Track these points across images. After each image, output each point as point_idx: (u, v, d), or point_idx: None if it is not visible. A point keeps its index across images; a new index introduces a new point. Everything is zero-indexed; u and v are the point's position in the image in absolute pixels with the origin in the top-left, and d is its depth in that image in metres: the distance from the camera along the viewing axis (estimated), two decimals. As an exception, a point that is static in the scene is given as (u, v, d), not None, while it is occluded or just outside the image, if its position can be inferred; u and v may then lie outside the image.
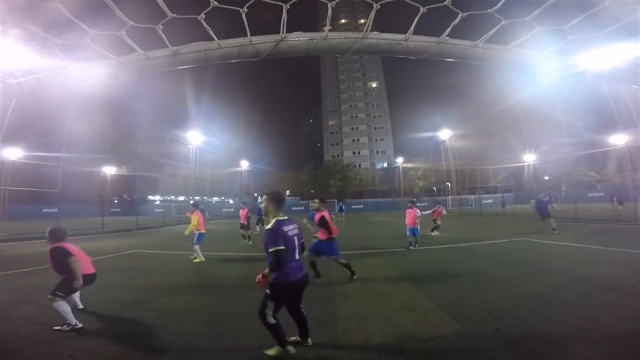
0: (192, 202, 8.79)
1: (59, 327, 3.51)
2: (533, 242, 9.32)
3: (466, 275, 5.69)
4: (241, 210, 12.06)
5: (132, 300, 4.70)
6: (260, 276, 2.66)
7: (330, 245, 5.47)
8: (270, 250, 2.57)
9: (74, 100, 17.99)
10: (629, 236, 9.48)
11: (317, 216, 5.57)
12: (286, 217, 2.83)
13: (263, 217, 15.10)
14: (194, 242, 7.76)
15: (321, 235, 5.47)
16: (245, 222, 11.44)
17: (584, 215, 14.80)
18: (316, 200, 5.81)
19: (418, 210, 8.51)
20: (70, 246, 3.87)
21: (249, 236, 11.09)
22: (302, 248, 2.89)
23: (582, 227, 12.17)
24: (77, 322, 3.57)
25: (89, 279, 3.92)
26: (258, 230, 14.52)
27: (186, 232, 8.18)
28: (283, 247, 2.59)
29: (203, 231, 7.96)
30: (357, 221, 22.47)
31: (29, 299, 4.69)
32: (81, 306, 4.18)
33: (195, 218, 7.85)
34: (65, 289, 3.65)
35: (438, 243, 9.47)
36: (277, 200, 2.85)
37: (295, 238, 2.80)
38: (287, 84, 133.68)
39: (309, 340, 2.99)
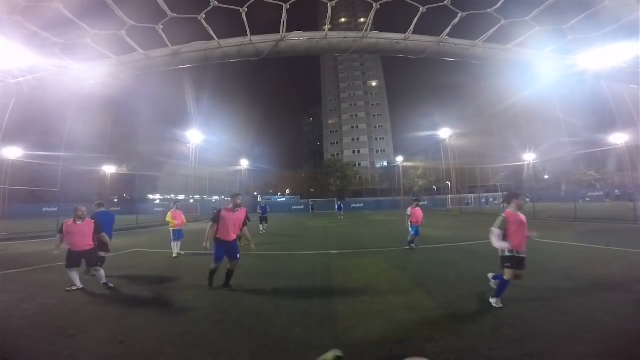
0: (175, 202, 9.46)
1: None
2: (532, 240, 9.31)
3: (466, 274, 5.71)
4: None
5: (132, 300, 4.73)
6: None
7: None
8: None
9: (74, 100, 17.98)
10: (628, 235, 9.50)
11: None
12: None
13: (266, 216, 15.15)
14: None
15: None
16: None
17: (584, 214, 14.82)
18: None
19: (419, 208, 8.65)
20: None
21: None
22: None
23: (581, 226, 12.18)
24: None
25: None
26: (261, 229, 14.51)
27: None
28: None
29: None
30: (356, 220, 22.47)
31: (29, 298, 4.70)
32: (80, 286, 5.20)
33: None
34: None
35: (438, 242, 9.48)
36: None
37: None
38: (287, 83, 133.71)
39: None
